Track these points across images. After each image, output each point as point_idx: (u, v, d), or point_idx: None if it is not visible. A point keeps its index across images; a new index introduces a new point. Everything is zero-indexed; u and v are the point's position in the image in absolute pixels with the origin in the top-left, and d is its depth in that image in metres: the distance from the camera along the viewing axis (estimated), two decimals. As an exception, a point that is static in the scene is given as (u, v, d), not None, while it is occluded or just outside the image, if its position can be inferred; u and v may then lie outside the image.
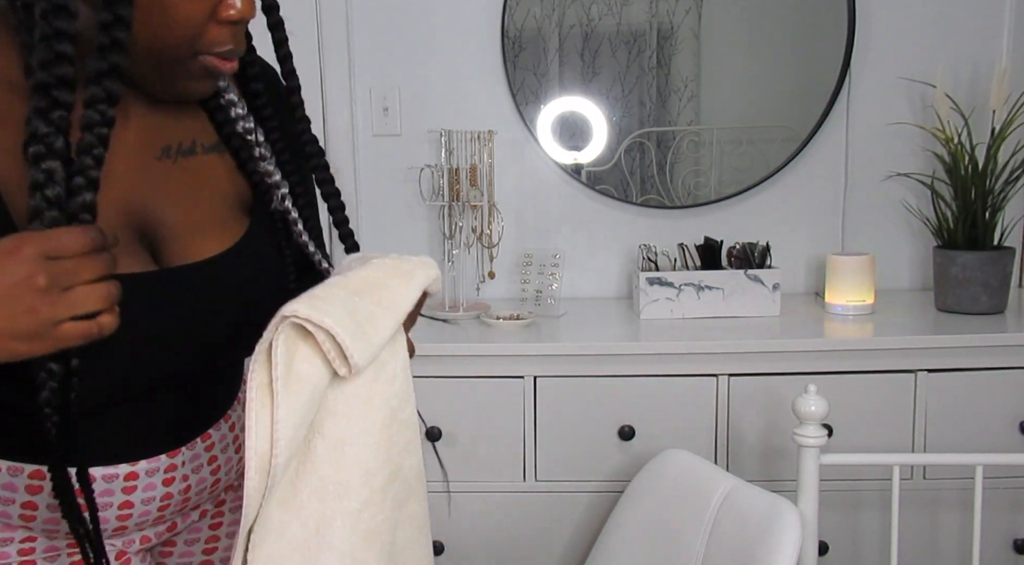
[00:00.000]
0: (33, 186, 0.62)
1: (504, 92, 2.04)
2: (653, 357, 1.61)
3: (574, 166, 2.06)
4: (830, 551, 1.64)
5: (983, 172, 1.76)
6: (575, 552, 1.66)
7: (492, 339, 1.66)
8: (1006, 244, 1.81)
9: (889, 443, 1.62)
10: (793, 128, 2.03)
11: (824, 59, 2.00)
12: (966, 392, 1.61)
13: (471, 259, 2.00)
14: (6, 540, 0.78)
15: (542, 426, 1.63)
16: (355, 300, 0.72)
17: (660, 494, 1.44)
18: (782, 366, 1.60)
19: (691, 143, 2.05)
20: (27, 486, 0.77)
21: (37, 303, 0.59)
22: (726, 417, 1.62)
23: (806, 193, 2.06)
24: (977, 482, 1.35)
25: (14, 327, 0.58)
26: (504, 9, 2.00)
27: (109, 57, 0.64)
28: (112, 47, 0.64)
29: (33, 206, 0.62)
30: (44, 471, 0.75)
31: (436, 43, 2.03)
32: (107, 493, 0.79)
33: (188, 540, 0.94)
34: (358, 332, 0.70)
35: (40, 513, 0.78)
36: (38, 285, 0.58)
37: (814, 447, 1.32)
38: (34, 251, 0.59)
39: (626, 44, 2.02)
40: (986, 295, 1.75)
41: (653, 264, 1.85)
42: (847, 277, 1.81)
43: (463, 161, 1.94)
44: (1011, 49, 1.99)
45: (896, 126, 2.02)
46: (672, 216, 2.07)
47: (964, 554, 1.62)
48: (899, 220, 2.06)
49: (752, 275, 1.81)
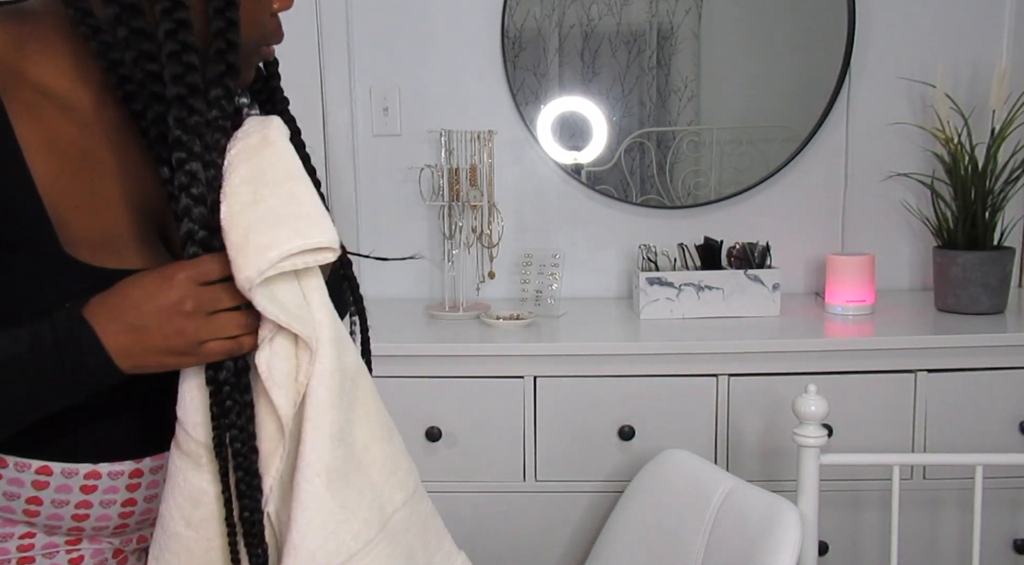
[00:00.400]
0: (180, 187, 0.70)
1: (504, 92, 2.04)
2: (653, 357, 1.61)
3: (574, 166, 2.06)
4: (830, 551, 1.64)
5: (983, 172, 1.76)
6: (575, 552, 1.66)
7: (492, 339, 1.66)
8: (1006, 244, 1.81)
9: (889, 443, 1.62)
10: (793, 128, 2.03)
11: (824, 59, 2.00)
12: (966, 392, 1.61)
13: (471, 259, 2.00)
14: (6, 536, 0.79)
15: (542, 426, 1.63)
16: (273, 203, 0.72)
17: (660, 494, 1.44)
18: (782, 366, 1.60)
19: (691, 143, 2.05)
20: (33, 481, 0.77)
21: (186, 325, 0.69)
22: (726, 417, 1.62)
23: (806, 193, 2.06)
24: (977, 482, 1.35)
25: (167, 345, 0.69)
26: (504, 9, 2.00)
27: (227, 58, 0.71)
28: (228, 49, 0.71)
29: (183, 205, 0.70)
30: (51, 467, 0.77)
31: (436, 43, 2.03)
32: (111, 490, 0.80)
33: None
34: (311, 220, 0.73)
35: (44, 509, 0.78)
36: (186, 309, 0.69)
37: (814, 447, 1.32)
38: (185, 276, 0.69)
39: (626, 44, 2.02)
40: (986, 295, 1.75)
41: (653, 264, 1.85)
42: (847, 277, 1.81)
43: (463, 161, 1.94)
44: (1011, 49, 1.99)
45: (896, 126, 2.02)
46: (672, 216, 2.07)
47: (964, 554, 1.62)
48: (899, 220, 2.06)
49: (752, 275, 1.81)
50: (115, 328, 0.68)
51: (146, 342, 0.68)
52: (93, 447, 0.78)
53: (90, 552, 0.82)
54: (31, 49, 0.72)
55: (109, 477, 0.80)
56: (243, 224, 0.70)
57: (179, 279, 0.69)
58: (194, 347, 0.70)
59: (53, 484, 0.77)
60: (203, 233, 0.71)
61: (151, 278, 0.69)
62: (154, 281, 0.69)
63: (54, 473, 0.77)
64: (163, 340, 0.69)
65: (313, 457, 0.74)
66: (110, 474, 0.79)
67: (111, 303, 0.69)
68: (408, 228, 2.09)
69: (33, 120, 0.70)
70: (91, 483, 0.79)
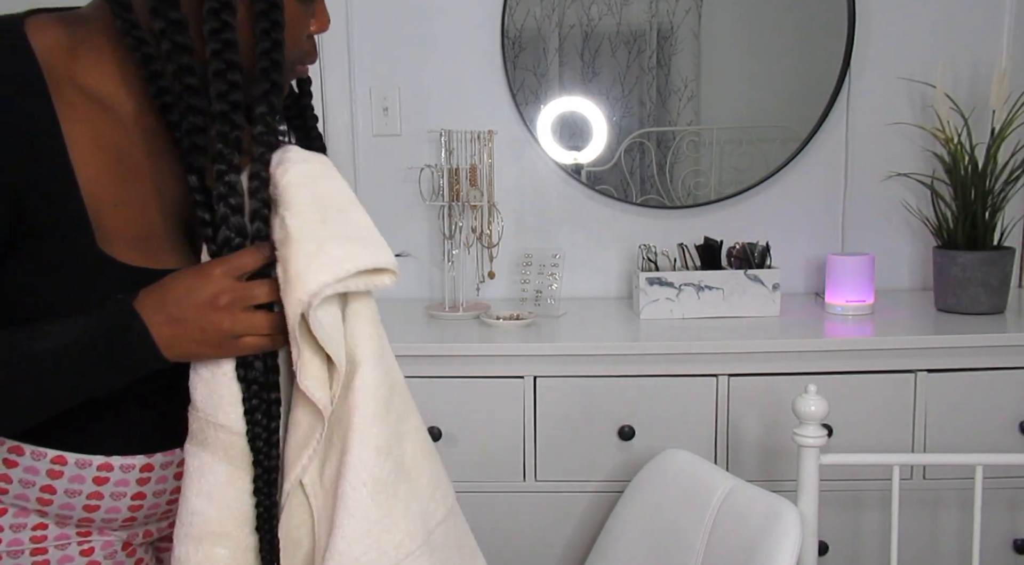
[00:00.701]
0: (219, 197, 0.74)
1: (504, 92, 2.04)
2: (653, 357, 1.61)
3: (574, 166, 2.06)
4: (830, 551, 1.64)
5: (983, 172, 1.76)
6: (575, 552, 1.66)
7: (492, 339, 1.66)
8: (1006, 244, 1.81)
9: (889, 443, 1.62)
10: (793, 128, 2.03)
11: (824, 59, 2.00)
12: (966, 392, 1.61)
13: (471, 259, 2.00)
14: (18, 526, 0.81)
15: (542, 426, 1.63)
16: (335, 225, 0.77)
17: (660, 494, 1.44)
18: (782, 366, 1.60)
19: (691, 143, 2.05)
20: (48, 470, 0.80)
21: (222, 319, 0.73)
22: (726, 417, 1.62)
23: (806, 193, 2.06)
24: (977, 482, 1.35)
25: (204, 337, 0.73)
26: (504, 9, 2.00)
27: (271, 77, 0.76)
28: (272, 68, 0.75)
29: (221, 214, 0.74)
30: (66, 457, 0.80)
31: (436, 43, 2.03)
32: (122, 483, 0.83)
33: None
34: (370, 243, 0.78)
35: (57, 498, 0.81)
36: (221, 303, 0.73)
37: (814, 447, 1.32)
38: (222, 271, 0.73)
39: (626, 44, 2.02)
40: (986, 295, 1.75)
41: (653, 264, 1.85)
42: (847, 277, 1.81)
43: (463, 161, 1.94)
44: (1011, 49, 1.99)
45: (896, 126, 2.02)
46: (672, 216, 2.07)
47: (964, 554, 1.62)
48: (899, 220, 2.06)
49: (752, 275, 1.81)
50: (159, 319, 0.72)
51: (186, 333, 0.73)
52: (106, 440, 0.81)
53: (100, 544, 0.85)
54: (81, 53, 0.76)
55: (121, 470, 0.82)
56: (317, 237, 0.74)
57: (216, 274, 0.73)
58: (228, 340, 0.74)
59: (67, 474, 0.80)
60: (239, 240, 0.75)
61: (191, 274, 0.74)
62: (194, 276, 0.74)
63: (68, 463, 0.80)
64: (200, 332, 0.73)
65: (360, 467, 0.77)
66: (122, 467, 0.82)
67: (156, 296, 0.73)
68: (408, 228, 2.09)
69: (79, 120, 0.74)
70: (103, 475, 0.82)
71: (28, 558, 0.81)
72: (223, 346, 0.74)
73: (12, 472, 0.80)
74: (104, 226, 0.75)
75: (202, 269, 0.74)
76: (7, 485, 0.80)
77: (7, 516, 0.81)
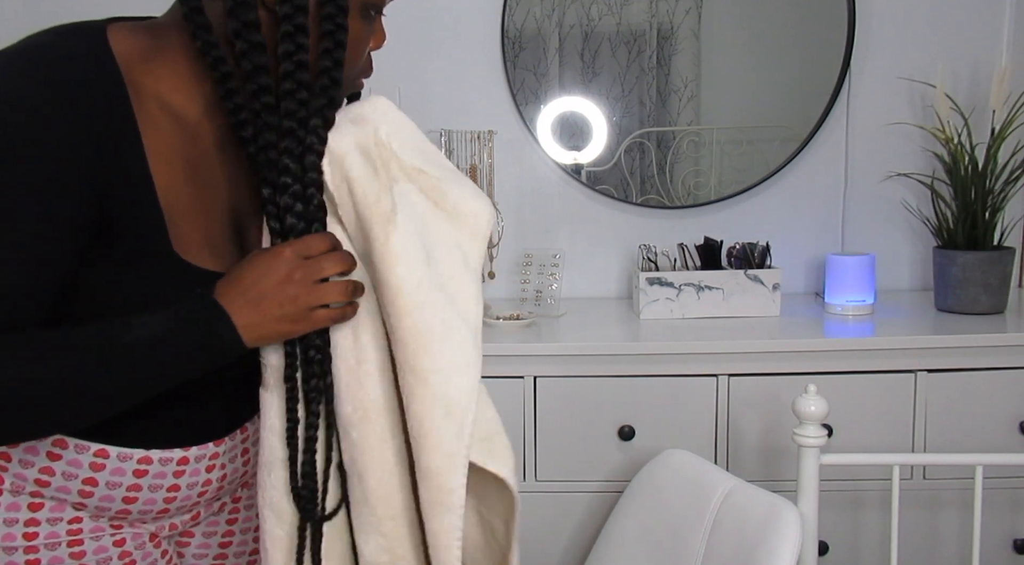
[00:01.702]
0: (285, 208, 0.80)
1: (504, 92, 2.04)
2: (653, 357, 1.61)
3: (574, 166, 2.06)
4: (830, 551, 1.64)
5: (983, 172, 1.76)
6: (575, 552, 1.66)
7: (492, 339, 1.66)
8: (1006, 244, 1.81)
9: (889, 443, 1.62)
10: (793, 128, 2.03)
11: (824, 59, 2.00)
12: (966, 392, 1.61)
13: (471, 259, 2.00)
14: (55, 519, 0.86)
15: (542, 426, 1.63)
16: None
17: (660, 494, 1.44)
18: (782, 366, 1.60)
19: (691, 143, 2.05)
20: (91, 463, 0.84)
21: (297, 292, 0.78)
22: (726, 417, 1.62)
23: (806, 193, 2.06)
24: (977, 482, 1.35)
25: (282, 312, 0.78)
26: (504, 9, 2.00)
27: (330, 93, 0.80)
28: (332, 86, 0.80)
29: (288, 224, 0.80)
30: (108, 450, 0.84)
31: (436, 43, 2.03)
32: (160, 475, 0.88)
33: (206, 532, 1.02)
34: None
35: (98, 490, 0.85)
36: (295, 278, 0.78)
37: (814, 447, 1.32)
38: (291, 252, 0.79)
39: (626, 44, 2.02)
40: (986, 295, 1.75)
41: (653, 264, 1.85)
42: (847, 277, 1.81)
43: (463, 161, 1.94)
44: (1011, 49, 1.99)
45: (896, 126, 2.02)
46: (672, 216, 2.07)
47: (964, 554, 1.62)
48: (899, 220, 2.06)
49: (752, 275, 1.81)
50: (240, 303, 0.78)
51: (265, 312, 0.78)
52: (148, 435, 0.86)
53: (131, 535, 0.90)
54: (155, 63, 0.80)
55: (160, 463, 0.87)
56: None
57: (287, 254, 0.79)
58: (305, 313, 0.79)
59: (108, 467, 0.85)
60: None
61: (263, 257, 0.80)
62: (266, 259, 0.79)
63: (110, 456, 0.85)
64: (279, 308, 0.78)
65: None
66: (160, 460, 0.87)
67: (233, 283, 0.79)
68: (408, 228, 2.08)
69: (155, 130, 0.78)
70: (143, 468, 0.86)
71: (65, 549, 0.86)
72: (300, 320, 0.79)
73: (56, 465, 0.84)
74: (177, 231, 0.80)
75: (273, 251, 0.79)
76: (49, 477, 0.84)
77: (44, 510, 0.85)
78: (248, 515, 1.05)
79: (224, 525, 1.03)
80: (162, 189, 0.78)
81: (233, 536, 1.04)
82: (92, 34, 0.77)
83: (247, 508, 1.05)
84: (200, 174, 0.83)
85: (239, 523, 1.04)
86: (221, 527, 1.03)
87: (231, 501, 1.03)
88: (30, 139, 0.69)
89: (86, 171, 0.72)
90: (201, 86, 0.82)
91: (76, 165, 0.72)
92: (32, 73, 0.71)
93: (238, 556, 1.05)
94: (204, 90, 0.82)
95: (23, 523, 0.85)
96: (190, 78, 0.81)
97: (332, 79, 0.80)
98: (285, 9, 0.77)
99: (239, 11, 0.77)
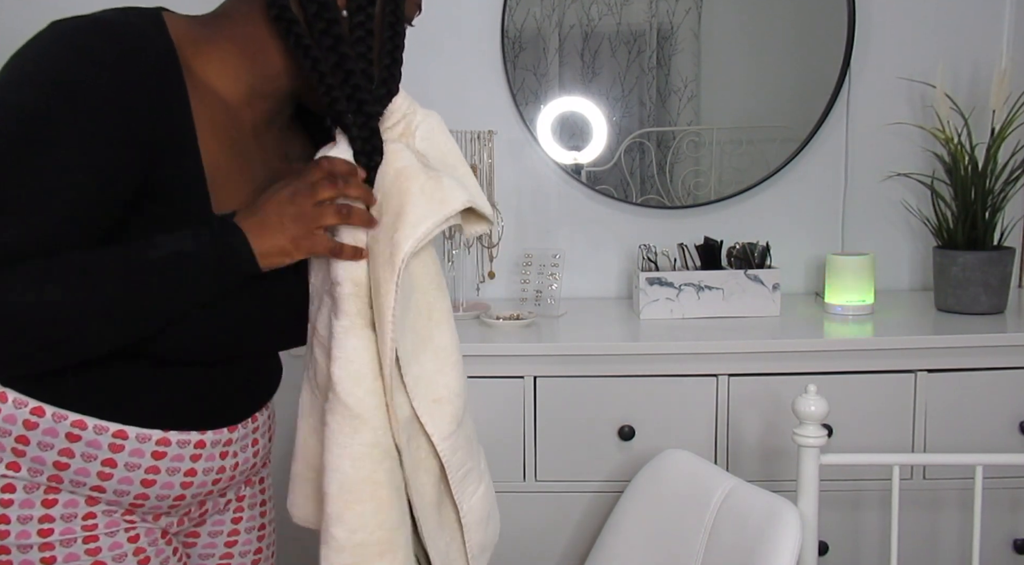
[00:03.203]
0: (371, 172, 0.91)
1: (504, 92, 2.04)
2: (653, 357, 1.61)
3: (574, 166, 2.06)
4: (830, 551, 1.64)
5: (983, 172, 1.76)
6: (575, 552, 1.66)
7: (492, 339, 1.66)
8: (1006, 244, 1.81)
9: (889, 443, 1.62)
10: (793, 128, 2.03)
11: (824, 59, 2.00)
12: (966, 392, 1.61)
13: (471, 259, 2.00)
14: (69, 516, 0.87)
15: (542, 426, 1.63)
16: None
17: (660, 494, 1.44)
18: (782, 366, 1.60)
19: (691, 143, 2.05)
20: (110, 444, 0.86)
21: (298, 211, 0.85)
22: (726, 417, 1.62)
23: (806, 193, 2.06)
24: (977, 482, 1.35)
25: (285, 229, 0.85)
26: (504, 9, 2.00)
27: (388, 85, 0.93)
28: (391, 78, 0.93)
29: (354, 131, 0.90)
30: (127, 431, 0.87)
31: (436, 43, 2.03)
32: (178, 458, 0.91)
33: (212, 532, 1.04)
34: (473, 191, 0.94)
35: (117, 472, 0.87)
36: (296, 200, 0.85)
37: (814, 447, 1.32)
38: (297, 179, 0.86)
39: (626, 44, 2.02)
40: (986, 295, 1.75)
41: (653, 264, 1.85)
42: (847, 277, 1.81)
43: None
44: (1011, 49, 1.99)
45: (896, 126, 2.02)
46: (672, 216, 2.07)
47: (964, 554, 1.62)
48: (899, 220, 2.06)
49: (752, 275, 1.81)
50: (250, 221, 0.84)
51: (271, 227, 0.84)
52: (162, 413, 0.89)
53: (144, 531, 0.92)
54: (205, 49, 0.87)
55: (178, 445, 0.90)
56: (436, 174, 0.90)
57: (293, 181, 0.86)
58: (307, 232, 0.85)
59: (128, 448, 0.87)
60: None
61: (274, 186, 0.88)
62: (276, 186, 0.87)
63: (129, 437, 0.87)
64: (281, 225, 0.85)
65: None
66: (179, 442, 0.90)
67: (247, 208, 0.86)
68: (408, 228, 2.08)
69: (202, 104, 0.85)
70: (161, 450, 0.89)
71: (81, 546, 0.87)
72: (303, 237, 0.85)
73: (75, 446, 0.85)
74: (217, 198, 0.86)
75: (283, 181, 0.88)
76: (69, 459, 0.85)
77: (58, 506, 0.86)
78: (252, 514, 1.07)
79: (229, 524, 1.05)
80: (207, 157, 0.85)
81: (238, 535, 1.06)
82: (152, 14, 0.84)
83: (251, 507, 1.07)
84: (240, 151, 0.89)
85: (244, 522, 1.06)
86: (227, 526, 1.05)
87: (236, 499, 1.05)
88: (93, 89, 0.75)
89: (138, 128, 0.78)
90: (247, 75, 0.89)
91: (130, 121, 0.77)
92: (101, 34, 0.78)
93: (243, 555, 1.07)
94: (249, 79, 0.89)
95: (37, 520, 0.85)
96: (237, 67, 0.88)
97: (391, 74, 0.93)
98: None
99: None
